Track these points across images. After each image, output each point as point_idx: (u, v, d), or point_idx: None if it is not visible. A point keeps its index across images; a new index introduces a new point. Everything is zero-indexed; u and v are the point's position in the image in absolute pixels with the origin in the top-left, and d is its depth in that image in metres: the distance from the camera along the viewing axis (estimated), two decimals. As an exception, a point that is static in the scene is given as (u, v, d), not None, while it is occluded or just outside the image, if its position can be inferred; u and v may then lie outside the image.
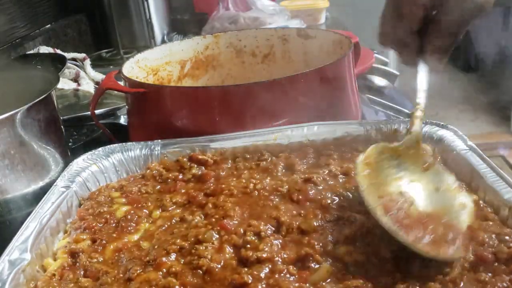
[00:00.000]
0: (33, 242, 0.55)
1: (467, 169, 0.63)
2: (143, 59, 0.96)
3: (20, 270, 0.51)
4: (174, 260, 0.53)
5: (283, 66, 1.03)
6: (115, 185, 0.70)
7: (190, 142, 0.74)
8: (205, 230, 0.57)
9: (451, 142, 0.67)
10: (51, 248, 0.59)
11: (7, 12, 1.40)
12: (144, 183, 0.70)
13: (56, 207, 0.61)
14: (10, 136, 0.71)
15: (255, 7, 1.87)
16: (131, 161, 0.74)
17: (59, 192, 0.64)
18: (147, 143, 0.75)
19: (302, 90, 0.77)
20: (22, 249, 0.53)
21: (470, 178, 0.62)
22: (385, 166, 0.61)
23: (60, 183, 0.66)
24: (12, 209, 0.73)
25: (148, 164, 0.74)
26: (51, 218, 0.60)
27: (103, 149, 0.73)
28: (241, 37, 1.05)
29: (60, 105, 1.10)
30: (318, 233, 0.55)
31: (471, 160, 0.62)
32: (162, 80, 1.00)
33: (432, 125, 0.71)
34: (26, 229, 0.56)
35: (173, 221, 0.61)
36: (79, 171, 0.69)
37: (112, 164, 0.72)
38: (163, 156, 0.74)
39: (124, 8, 1.76)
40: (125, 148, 0.74)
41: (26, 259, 0.52)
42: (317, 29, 1.01)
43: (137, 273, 0.52)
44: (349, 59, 0.85)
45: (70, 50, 1.45)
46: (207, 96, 0.78)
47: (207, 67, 1.06)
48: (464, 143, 0.66)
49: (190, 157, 0.73)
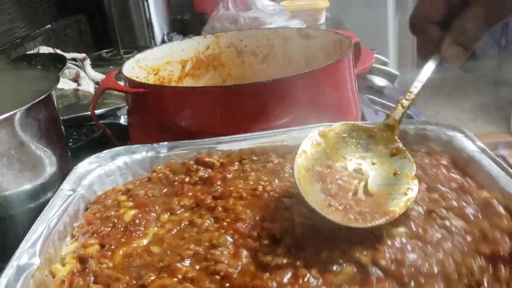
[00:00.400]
0: (42, 246, 0.54)
1: (478, 170, 0.61)
2: (143, 59, 0.95)
3: (30, 275, 0.50)
4: (189, 266, 0.52)
5: (284, 66, 1.03)
6: (121, 189, 0.69)
7: (196, 145, 0.73)
8: (218, 234, 0.55)
9: (460, 144, 0.66)
10: (59, 253, 0.57)
11: (7, 12, 1.40)
12: (151, 186, 0.69)
13: (63, 211, 0.60)
14: (10, 136, 0.71)
15: (255, 7, 1.87)
16: (137, 164, 0.72)
17: (66, 196, 0.63)
18: (153, 146, 0.74)
19: (302, 90, 0.77)
20: (31, 253, 0.52)
21: (483, 179, 0.60)
22: (348, 143, 0.62)
23: (66, 187, 0.65)
24: (12, 208, 0.73)
25: (153, 167, 0.72)
26: (59, 222, 0.59)
27: (108, 151, 0.72)
28: (241, 37, 1.05)
29: (60, 105, 1.10)
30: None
31: (482, 161, 0.61)
32: (163, 80, 1.00)
33: (441, 126, 0.70)
34: (34, 233, 0.55)
35: (182, 225, 0.60)
36: (85, 174, 0.68)
37: (118, 167, 0.71)
38: (169, 159, 0.73)
39: (124, 8, 1.76)
40: (130, 150, 0.73)
41: (35, 264, 0.51)
42: (317, 29, 1.01)
43: (151, 279, 0.51)
44: (349, 59, 0.85)
45: (70, 50, 1.45)
46: (207, 96, 0.77)
47: (208, 67, 1.05)
48: (474, 144, 0.65)
49: (197, 160, 0.71)
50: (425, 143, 0.69)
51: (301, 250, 0.51)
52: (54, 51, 1.36)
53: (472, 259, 0.48)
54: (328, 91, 0.80)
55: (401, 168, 0.59)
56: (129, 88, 0.82)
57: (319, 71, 0.78)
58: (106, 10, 1.76)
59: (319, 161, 0.60)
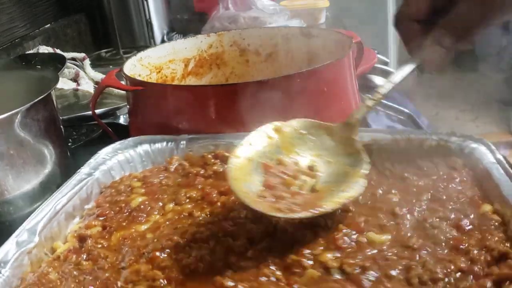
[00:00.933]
0: (43, 226, 0.56)
1: (488, 181, 0.59)
2: (146, 57, 0.96)
3: (26, 251, 0.53)
4: (166, 256, 0.54)
5: (287, 65, 1.03)
6: (138, 175, 0.71)
7: (215, 139, 0.75)
8: (204, 229, 0.57)
9: (481, 155, 0.63)
10: (64, 232, 0.60)
11: (6, 12, 1.40)
12: (167, 175, 0.70)
13: (74, 193, 0.63)
14: (10, 136, 0.70)
15: (255, 7, 1.86)
16: (158, 153, 0.75)
17: (80, 179, 0.65)
18: (174, 137, 0.76)
19: (301, 89, 0.77)
20: (31, 231, 0.55)
21: (490, 190, 0.59)
22: (306, 140, 0.62)
23: (84, 170, 0.67)
24: (11, 209, 0.73)
25: (171, 157, 0.74)
26: (68, 203, 0.61)
27: (132, 139, 0.75)
28: (244, 35, 1.05)
29: (60, 105, 1.10)
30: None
31: (494, 172, 0.59)
32: (165, 78, 1.00)
33: (465, 138, 0.67)
34: (40, 212, 0.58)
35: (182, 215, 0.61)
36: (106, 159, 0.71)
37: (139, 154, 0.74)
38: (188, 150, 0.74)
39: (124, 8, 1.76)
40: (153, 140, 0.75)
41: (34, 241, 0.54)
42: (320, 29, 1.01)
43: (130, 263, 0.53)
44: (349, 58, 0.85)
45: (69, 50, 1.45)
46: (205, 95, 0.77)
47: (211, 66, 1.06)
48: (494, 156, 0.62)
49: (215, 154, 0.73)
50: (447, 155, 0.66)
51: (272, 252, 0.52)
52: (53, 51, 1.36)
53: (444, 269, 0.47)
54: (327, 91, 0.80)
55: (354, 167, 0.58)
56: (128, 86, 0.83)
57: (318, 71, 0.78)
58: (106, 10, 1.76)
59: (268, 154, 0.60)
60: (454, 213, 0.55)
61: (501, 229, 0.52)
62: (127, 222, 0.61)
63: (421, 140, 0.68)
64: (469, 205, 0.57)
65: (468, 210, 0.56)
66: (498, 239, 0.51)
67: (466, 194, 0.59)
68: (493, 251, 0.49)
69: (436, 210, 0.56)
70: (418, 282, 0.46)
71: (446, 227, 0.53)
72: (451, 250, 0.50)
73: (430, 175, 0.62)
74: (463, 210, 0.56)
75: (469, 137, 0.67)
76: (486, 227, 0.53)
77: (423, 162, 0.65)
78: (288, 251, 0.52)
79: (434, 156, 0.66)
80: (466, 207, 0.56)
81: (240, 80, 1.05)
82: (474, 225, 0.54)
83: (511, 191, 0.55)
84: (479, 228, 0.53)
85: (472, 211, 0.56)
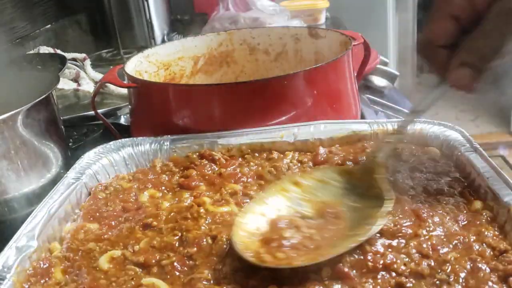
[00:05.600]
0: (40, 230, 0.57)
1: (470, 170, 0.63)
2: (153, 53, 0.96)
3: (27, 256, 0.53)
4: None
5: (296, 65, 1.03)
6: (125, 177, 0.72)
7: (199, 138, 0.75)
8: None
9: (456, 143, 0.67)
10: (58, 234, 0.61)
11: (7, 12, 1.40)
12: (170, 173, 0.72)
13: (64, 198, 0.63)
14: (10, 137, 0.71)
15: (255, 7, 1.86)
16: (140, 155, 0.75)
17: (69, 183, 0.66)
18: (156, 138, 0.76)
19: (300, 89, 0.77)
20: (29, 236, 0.55)
21: (473, 178, 0.62)
22: (328, 188, 0.61)
23: (70, 175, 0.67)
24: (12, 209, 0.73)
25: (154, 160, 0.74)
26: (60, 208, 0.61)
27: (114, 143, 0.75)
28: (254, 34, 1.05)
29: (60, 105, 1.10)
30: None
31: (474, 161, 0.62)
32: (174, 75, 1.01)
33: (440, 125, 0.72)
34: (35, 218, 0.58)
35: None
36: (90, 163, 0.71)
37: (123, 157, 0.74)
38: (172, 151, 0.75)
39: (124, 8, 1.76)
40: (135, 142, 0.76)
41: (33, 246, 0.54)
42: (326, 29, 1.01)
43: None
44: (348, 58, 0.85)
45: (70, 50, 1.45)
46: (204, 94, 0.78)
47: (221, 63, 1.06)
48: (470, 144, 0.66)
49: (201, 154, 0.73)
50: (425, 144, 0.71)
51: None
52: (54, 51, 1.36)
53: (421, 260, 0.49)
54: (326, 91, 0.80)
55: (377, 208, 0.56)
56: (123, 83, 0.83)
57: (317, 70, 0.78)
58: (106, 10, 1.76)
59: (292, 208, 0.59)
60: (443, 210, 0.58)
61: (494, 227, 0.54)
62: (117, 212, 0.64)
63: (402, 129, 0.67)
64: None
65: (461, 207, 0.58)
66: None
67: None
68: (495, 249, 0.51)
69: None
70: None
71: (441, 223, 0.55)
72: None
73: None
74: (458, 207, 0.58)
75: (442, 124, 0.72)
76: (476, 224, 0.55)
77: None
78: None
79: (414, 144, 0.69)
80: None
81: (249, 79, 1.05)
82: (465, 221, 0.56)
83: (495, 180, 0.58)
84: (469, 226, 0.55)
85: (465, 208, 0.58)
